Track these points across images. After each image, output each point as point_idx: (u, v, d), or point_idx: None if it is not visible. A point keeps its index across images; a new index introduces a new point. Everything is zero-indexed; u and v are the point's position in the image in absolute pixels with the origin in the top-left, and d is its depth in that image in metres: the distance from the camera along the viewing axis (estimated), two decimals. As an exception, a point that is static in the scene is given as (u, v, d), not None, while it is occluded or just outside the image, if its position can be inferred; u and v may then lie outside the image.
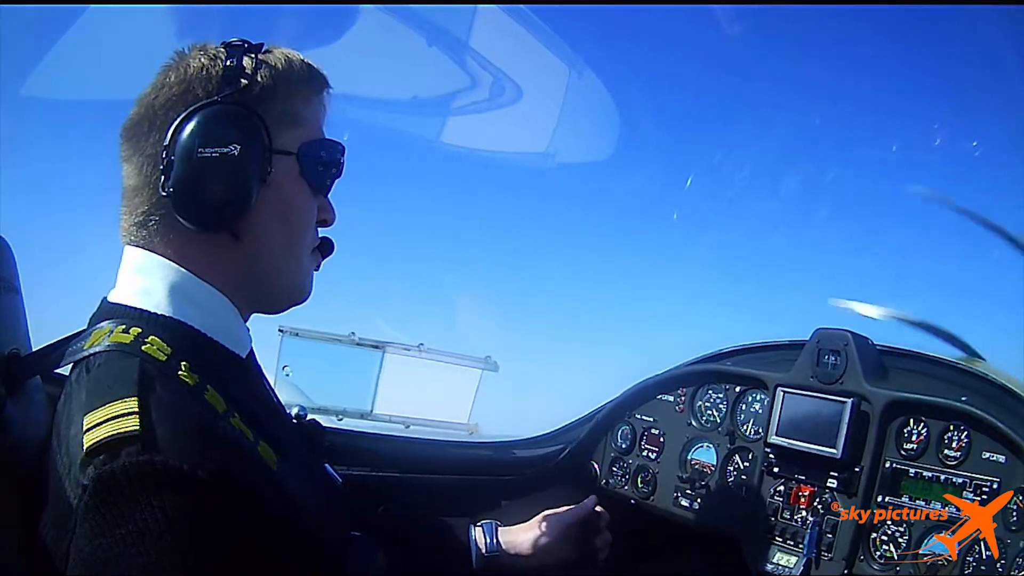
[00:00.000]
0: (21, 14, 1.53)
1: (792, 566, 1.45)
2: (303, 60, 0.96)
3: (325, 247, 1.03)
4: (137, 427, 0.72)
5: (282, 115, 0.92)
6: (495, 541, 1.30)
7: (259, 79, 0.90)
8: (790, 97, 2.65)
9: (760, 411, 1.68)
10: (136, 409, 0.73)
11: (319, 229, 1.02)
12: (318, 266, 1.04)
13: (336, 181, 1.01)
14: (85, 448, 0.71)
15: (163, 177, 0.85)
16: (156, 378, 0.79)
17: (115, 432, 0.71)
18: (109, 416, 0.73)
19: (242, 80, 0.88)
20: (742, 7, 2.28)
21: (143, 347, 0.82)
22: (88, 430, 0.72)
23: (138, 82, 0.95)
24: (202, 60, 0.90)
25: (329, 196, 1.02)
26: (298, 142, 0.94)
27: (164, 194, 0.86)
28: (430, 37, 2.22)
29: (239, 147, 0.85)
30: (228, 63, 0.88)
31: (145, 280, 0.90)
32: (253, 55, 0.90)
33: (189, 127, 0.85)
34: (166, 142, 0.86)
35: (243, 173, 0.87)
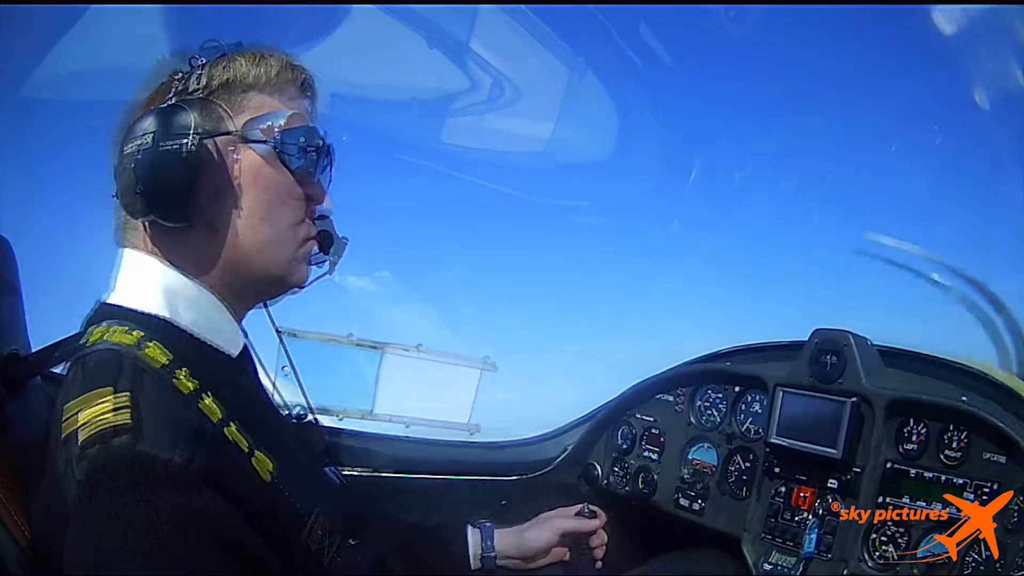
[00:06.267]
0: (22, 14, 1.53)
1: (792, 566, 1.45)
2: (275, 54, 0.98)
3: (323, 240, 1.04)
4: (129, 421, 0.74)
5: (257, 107, 0.95)
6: (491, 543, 1.31)
7: (229, 75, 0.93)
8: (792, 97, 2.65)
9: (760, 411, 1.68)
10: (128, 404, 0.75)
11: (317, 220, 1.03)
12: (330, 264, 1.04)
13: (320, 166, 1.01)
14: (79, 442, 0.73)
15: (134, 178, 0.88)
16: (149, 377, 0.80)
17: (106, 425, 0.73)
18: (102, 411, 0.74)
19: (211, 77, 0.92)
20: (741, 8, 2.29)
21: (144, 351, 0.83)
22: (81, 425, 0.74)
23: (139, 83, 0.97)
24: (176, 63, 0.94)
25: (323, 183, 1.02)
26: (273, 130, 0.95)
27: (137, 193, 0.88)
28: (430, 38, 2.22)
29: (197, 137, 0.87)
30: (199, 63, 0.92)
31: (136, 280, 0.92)
32: (224, 54, 0.94)
33: (154, 126, 0.88)
34: (137, 144, 0.88)
35: (203, 162, 0.88)
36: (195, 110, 0.89)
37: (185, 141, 0.87)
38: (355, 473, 1.72)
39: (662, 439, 1.85)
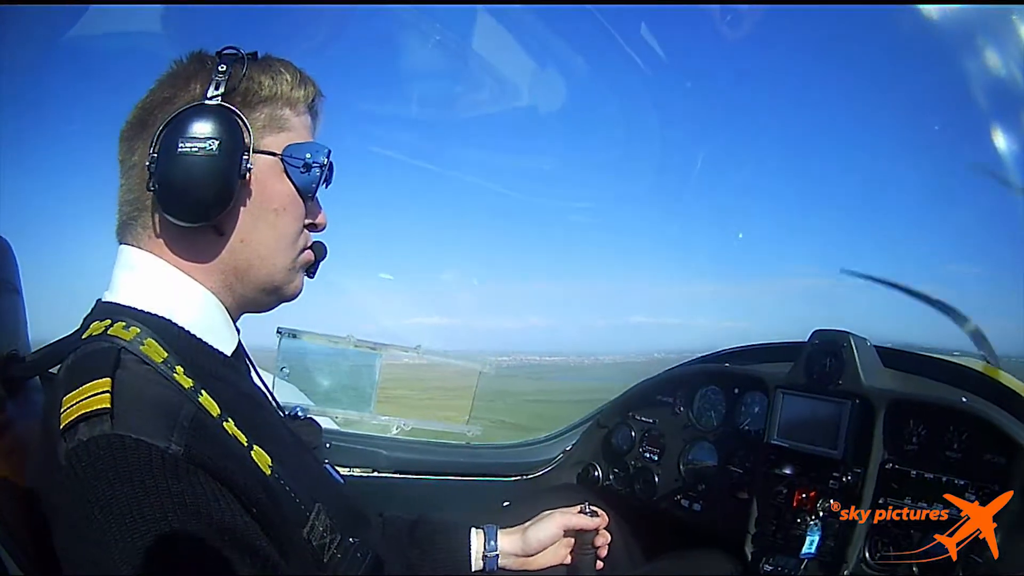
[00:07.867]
0: (22, 14, 1.53)
1: (792, 567, 1.45)
2: (293, 69, 1.00)
3: (317, 251, 1.04)
4: (128, 409, 0.75)
5: (268, 119, 0.96)
6: (495, 543, 1.31)
7: (246, 85, 0.94)
8: (792, 96, 2.66)
9: (760, 412, 1.68)
10: (108, 389, 0.76)
11: (312, 235, 1.04)
12: (313, 272, 1.05)
13: (324, 185, 1.02)
14: (61, 426, 0.74)
15: (149, 175, 0.89)
16: (147, 370, 0.82)
17: (104, 415, 0.74)
18: (84, 395, 0.75)
19: (230, 86, 0.92)
20: (741, 9, 2.29)
21: (141, 347, 0.84)
22: (78, 416, 0.74)
23: (140, 85, 0.98)
24: (195, 67, 0.95)
25: (320, 203, 1.03)
26: (283, 144, 0.97)
27: (150, 190, 0.89)
28: (431, 39, 2.23)
29: (218, 143, 0.89)
30: (219, 69, 0.92)
31: (135, 278, 0.93)
32: (243, 63, 0.94)
33: (174, 127, 0.89)
34: (154, 142, 0.89)
35: (222, 168, 0.90)
36: (217, 116, 0.90)
37: (209, 145, 0.88)
38: (356, 474, 1.72)
39: (662, 440, 1.85)
